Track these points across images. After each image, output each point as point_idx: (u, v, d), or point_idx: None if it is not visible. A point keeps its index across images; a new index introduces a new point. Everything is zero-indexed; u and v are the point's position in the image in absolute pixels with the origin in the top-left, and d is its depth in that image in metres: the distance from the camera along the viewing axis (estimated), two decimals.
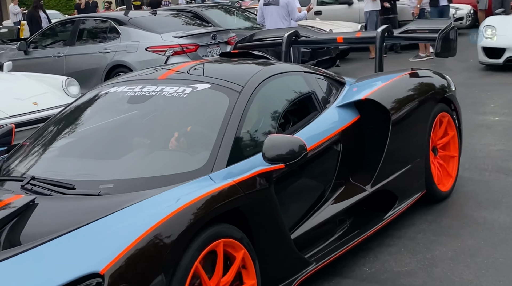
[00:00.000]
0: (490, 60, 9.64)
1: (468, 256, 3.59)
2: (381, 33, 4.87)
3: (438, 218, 4.16)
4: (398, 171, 3.98)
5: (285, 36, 5.16)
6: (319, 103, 3.84)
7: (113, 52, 9.12)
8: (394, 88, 4.19)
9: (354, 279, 3.45)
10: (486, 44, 9.67)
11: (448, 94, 4.46)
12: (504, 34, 9.54)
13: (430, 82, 4.51)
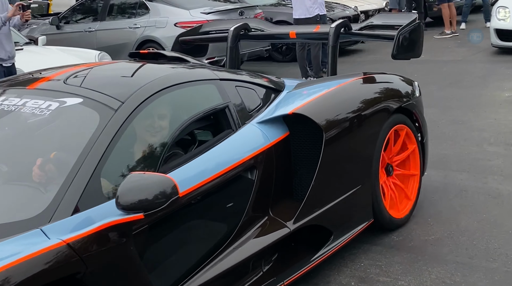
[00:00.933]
0: (504, 43, 9.13)
1: (494, 226, 3.72)
2: (335, 29, 4.11)
3: (464, 191, 4.29)
4: (333, 200, 3.29)
5: (231, 29, 4.42)
6: (234, 119, 3.08)
7: (142, 28, 9.29)
8: (334, 98, 3.49)
9: (382, 246, 3.61)
10: (498, 26, 9.13)
11: (407, 103, 3.80)
12: None
13: (384, 89, 3.82)
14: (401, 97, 3.82)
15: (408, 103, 3.82)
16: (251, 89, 3.39)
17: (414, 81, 4.11)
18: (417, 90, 4.04)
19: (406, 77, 4.14)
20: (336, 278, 3.28)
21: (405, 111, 3.79)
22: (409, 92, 3.94)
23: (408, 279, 3.21)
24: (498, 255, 3.38)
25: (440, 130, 5.81)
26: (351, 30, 4.25)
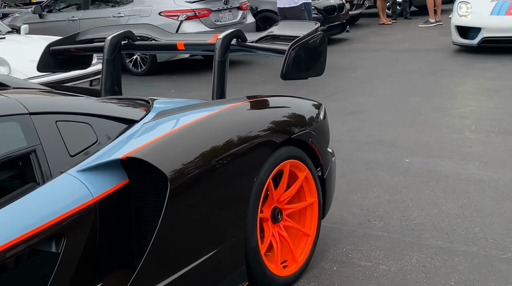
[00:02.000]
0: (464, 41, 8.82)
1: (474, 211, 3.78)
2: (222, 42, 3.28)
3: (445, 176, 4.34)
4: (187, 265, 2.52)
5: (108, 38, 3.61)
6: (43, 169, 2.30)
7: (126, 17, 9.25)
8: (193, 133, 2.65)
9: (364, 231, 3.65)
10: (459, 23, 8.82)
11: (301, 132, 3.06)
12: (480, 11, 8.66)
13: (269, 117, 3.00)
14: (292, 126, 3.06)
15: (301, 133, 3.05)
16: (83, 124, 2.54)
17: (320, 104, 3.44)
18: (321, 115, 3.34)
19: (309, 99, 3.46)
20: (319, 263, 3.32)
21: (298, 142, 3.06)
22: (305, 120, 3.20)
23: (389, 264, 3.25)
24: (477, 239, 3.43)
25: (422, 118, 5.87)
26: (245, 41, 3.40)
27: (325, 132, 3.38)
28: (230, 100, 3.07)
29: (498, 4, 8.57)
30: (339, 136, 5.52)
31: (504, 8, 8.43)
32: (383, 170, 4.59)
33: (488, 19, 8.48)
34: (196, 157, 2.55)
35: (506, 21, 8.34)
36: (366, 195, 4.17)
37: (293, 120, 3.14)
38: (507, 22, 8.32)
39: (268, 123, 2.93)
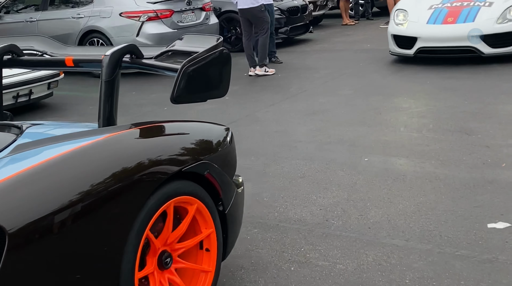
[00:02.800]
0: (401, 50, 8.38)
1: (430, 209, 3.82)
2: (110, 58, 2.79)
3: (402, 176, 4.39)
4: None
5: None
6: None
7: (86, 18, 9.12)
8: (50, 174, 2.14)
9: (322, 231, 3.66)
10: (396, 32, 8.38)
11: (195, 163, 2.62)
12: (416, 20, 8.25)
13: (154, 148, 2.50)
14: (185, 156, 2.60)
15: (195, 164, 2.62)
16: None
17: (227, 128, 3.08)
18: (225, 141, 2.96)
19: (215, 123, 3.07)
20: (277, 264, 3.31)
21: (193, 175, 2.64)
22: (203, 149, 2.78)
23: (346, 263, 3.27)
24: (432, 236, 3.47)
25: (382, 117, 5.93)
26: (141, 58, 2.89)
27: (230, 161, 2.97)
28: (114, 129, 2.59)
29: (435, 12, 8.19)
30: (300, 137, 5.54)
31: (441, 17, 8.04)
32: (342, 169, 4.62)
33: (425, 28, 8.07)
34: (50, 204, 2.03)
35: (442, 31, 7.91)
36: (325, 194, 4.19)
37: (186, 150, 2.66)
38: (443, 31, 7.89)
39: (151, 156, 2.43)
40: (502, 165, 4.41)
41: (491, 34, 7.59)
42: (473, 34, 7.66)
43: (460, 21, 7.83)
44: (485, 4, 7.92)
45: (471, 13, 7.83)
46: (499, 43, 7.63)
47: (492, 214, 3.68)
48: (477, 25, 7.61)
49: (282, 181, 4.50)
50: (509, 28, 7.62)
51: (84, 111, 7.22)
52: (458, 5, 8.14)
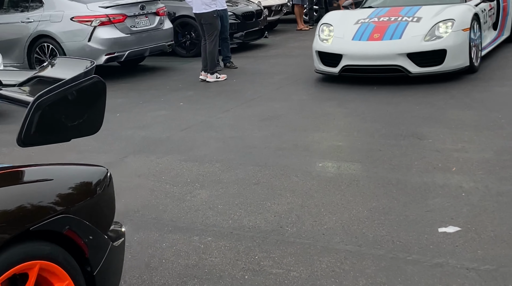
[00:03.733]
0: (326, 68, 7.68)
1: (382, 214, 3.86)
2: None
3: (355, 181, 4.42)
4: None
5: None
6: None
7: (36, 22, 8.91)
8: None
9: (276, 238, 3.65)
10: (320, 48, 7.70)
11: (48, 220, 2.14)
12: (341, 36, 7.59)
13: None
14: (37, 212, 2.13)
15: (51, 220, 2.14)
16: None
17: (104, 170, 2.54)
18: (99, 187, 2.46)
19: (91, 165, 2.62)
20: (231, 272, 3.28)
21: (49, 234, 2.17)
22: (65, 200, 2.27)
23: (300, 270, 3.26)
24: (385, 242, 3.50)
25: (335, 123, 5.97)
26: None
27: (104, 210, 2.50)
28: None
29: (362, 27, 7.56)
30: (254, 143, 5.52)
31: (367, 33, 7.41)
32: (297, 175, 4.62)
33: (350, 44, 7.41)
34: None
35: (367, 48, 7.27)
36: (279, 201, 4.18)
37: (41, 203, 2.16)
38: (369, 49, 7.26)
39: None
40: (453, 169, 4.49)
41: (418, 52, 7.05)
42: None
43: (386, 38, 7.24)
44: (413, 20, 7.38)
45: (398, 29, 7.28)
46: (427, 61, 7.09)
47: (443, 218, 3.73)
48: (404, 42, 7.11)
49: (237, 188, 4.47)
50: (437, 46, 7.04)
51: None
52: (385, 20, 7.58)
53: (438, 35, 7.10)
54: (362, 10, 8.36)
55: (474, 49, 7.37)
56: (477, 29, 7.51)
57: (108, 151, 5.61)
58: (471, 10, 7.47)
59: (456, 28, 7.11)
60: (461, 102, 6.31)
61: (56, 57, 2.66)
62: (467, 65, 7.20)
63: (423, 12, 7.52)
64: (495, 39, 8.76)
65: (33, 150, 5.75)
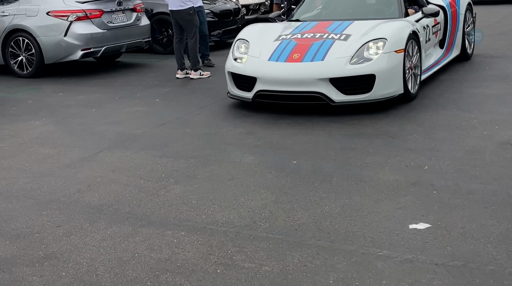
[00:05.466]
0: (239, 93, 6.51)
1: (354, 211, 3.90)
2: None
3: (329, 178, 4.46)
4: None
5: None
6: None
7: (11, 16, 8.81)
8: None
9: (249, 232, 3.66)
10: (233, 69, 6.55)
11: None
12: (257, 55, 6.41)
13: None
14: None
15: None
16: None
17: None
18: None
19: None
20: (203, 266, 3.29)
21: None
22: None
23: (272, 264, 3.28)
24: (356, 237, 3.54)
25: (308, 119, 6.00)
26: None
27: None
28: None
29: (282, 44, 6.44)
30: (230, 140, 5.53)
31: (287, 52, 6.28)
32: (271, 172, 4.65)
33: (265, 66, 6.25)
34: None
35: (284, 71, 6.12)
36: (253, 197, 4.19)
37: None
38: (285, 71, 6.11)
39: None
40: (425, 168, 4.55)
41: (343, 77, 5.95)
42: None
43: (307, 59, 6.11)
44: (341, 37, 6.31)
45: (321, 49, 6.18)
46: (353, 88, 6.00)
47: (414, 215, 3.79)
48: (327, 65, 6.00)
49: (211, 184, 4.47)
50: (365, 70, 5.94)
51: (7, 111, 6.95)
52: (309, 36, 6.48)
53: (367, 57, 6.01)
54: (287, 23, 7.23)
55: (410, 73, 6.34)
56: (415, 50, 6.44)
57: (82, 145, 5.57)
58: (408, 27, 6.39)
59: (388, 49, 6.02)
60: (435, 102, 6.40)
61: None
62: (400, 93, 6.11)
63: (353, 28, 6.49)
64: (442, 58, 7.69)
65: (8, 143, 5.69)
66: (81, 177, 4.76)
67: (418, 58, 6.55)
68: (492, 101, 6.30)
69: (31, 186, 4.62)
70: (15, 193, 4.50)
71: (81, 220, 3.97)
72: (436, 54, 7.62)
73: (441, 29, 7.71)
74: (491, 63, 8.22)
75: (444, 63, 7.68)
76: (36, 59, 8.72)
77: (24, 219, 4.04)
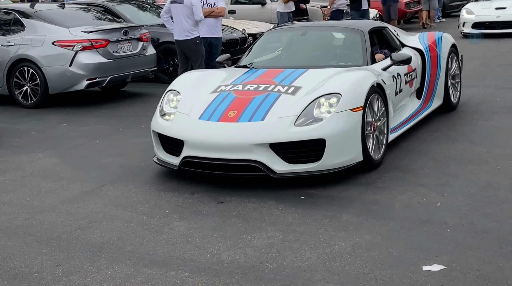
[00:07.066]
0: (166, 158, 5.29)
1: (365, 251, 3.75)
2: None
3: (338, 214, 4.32)
4: None
5: None
6: None
7: (17, 46, 8.77)
8: None
9: (256, 275, 3.52)
10: (159, 128, 5.34)
11: None
12: (187, 111, 5.25)
13: None
14: None
15: None
16: None
17: None
18: None
19: None
20: None
21: None
22: None
23: None
24: (368, 280, 3.38)
25: None
26: None
27: None
28: None
29: (218, 98, 5.30)
30: None
31: (222, 108, 5.13)
32: (278, 208, 4.51)
33: (194, 126, 5.10)
34: None
35: (214, 133, 4.96)
36: (259, 235, 4.05)
37: None
38: (216, 134, 4.95)
39: None
40: (437, 205, 4.40)
41: (286, 142, 4.80)
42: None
43: (244, 119, 4.98)
44: (288, 91, 5.21)
45: (263, 105, 5.05)
46: (299, 156, 4.85)
47: (427, 255, 3.63)
48: (267, 127, 4.85)
49: (216, 220, 4.34)
50: (313, 134, 4.79)
51: (10, 143, 6.86)
52: (251, 88, 5.35)
53: (317, 116, 4.88)
54: (233, 70, 6.09)
55: (372, 135, 5.17)
56: (379, 106, 5.28)
57: (85, 179, 5.45)
58: (370, 78, 5.26)
59: (342, 107, 4.88)
60: (446, 135, 6.27)
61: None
62: (358, 161, 4.96)
63: (305, 78, 5.41)
64: (419, 110, 6.51)
65: (9, 176, 5.58)
66: (82, 212, 4.63)
67: (383, 114, 5.37)
68: (504, 134, 6.16)
69: (31, 221, 4.49)
70: (15, 229, 4.37)
71: (81, 258, 3.84)
72: (413, 105, 6.51)
73: (417, 76, 6.62)
74: (502, 94, 8.09)
75: (422, 116, 6.48)
76: (41, 89, 8.66)
77: (23, 257, 3.90)
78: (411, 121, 6.21)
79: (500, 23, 14.56)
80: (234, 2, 15.37)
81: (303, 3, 13.42)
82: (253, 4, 15.37)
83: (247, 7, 15.31)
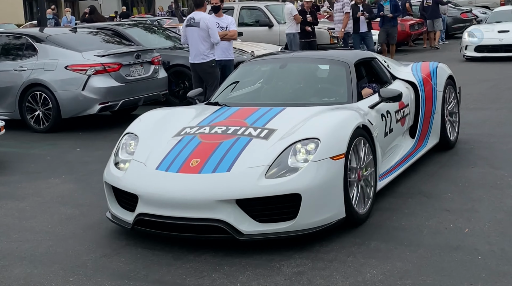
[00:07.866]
0: (120, 214, 4.59)
1: (398, 279, 3.70)
2: None
3: (367, 241, 4.27)
4: None
5: None
6: None
7: (29, 70, 8.78)
8: None
9: None
10: (111, 179, 4.68)
11: None
12: (144, 159, 4.55)
13: None
14: None
15: None
16: None
17: None
18: None
19: None
20: None
21: None
22: None
23: None
24: None
25: None
26: None
27: None
28: None
29: (180, 143, 4.61)
30: None
31: (184, 156, 4.44)
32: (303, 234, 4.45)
33: (150, 177, 4.41)
34: None
35: (172, 186, 4.27)
36: (288, 262, 4.00)
37: None
38: (174, 188, 4.26)
39: None
40: (465, 230, 4.37)
41: (255, 198, 4.13)
42: None
43: (207, 169, 4.29)
44: (261, 134, 4.54)
45: (231, 152, 4.37)
46: (271, 214, 4.18)
47: (461, 283, 3.59)
48: (234, 179, 4.17)
49: (245, 246, 4.28)
50: (286, 188, 4.13)
51: (25, 169, 6.83)
52: (219, 132, 4.66)
53: (292, 166, 4.22)
54: (203, 108, 5.38)
55: (357, 184, 4.50)
56: (365, 151, 4.61)
57: (104, 205, 5.38)
58: (355, 119, 4.59)
59: (320, 155, 4.23)
60: (465, 159, 6.24)
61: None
62: (340, 217, 4.29)
63: (281, 119, 4.74)
64: (413, 151, 5.85)
65: (29, 202, 5.54)
66: (106, 239, 4.59)
67: (371, 160, 4.69)
68: None
69: (55, 249, 4.45)
70: (39, 257, 4.32)
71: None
72: (406, 145, 5.81)
73: (410, 113, 5.90)
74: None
75: (417, 157, 5.80)
76: (53, 114, 8.65)
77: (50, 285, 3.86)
78: (404, 164, 5.50)
79: (503, 46, 14.60)
80: (241, 24, 15.46)
81: (308, 26, 13.50)
82: (260, 26, 15.47)
83: (254, 29, 15.40)
